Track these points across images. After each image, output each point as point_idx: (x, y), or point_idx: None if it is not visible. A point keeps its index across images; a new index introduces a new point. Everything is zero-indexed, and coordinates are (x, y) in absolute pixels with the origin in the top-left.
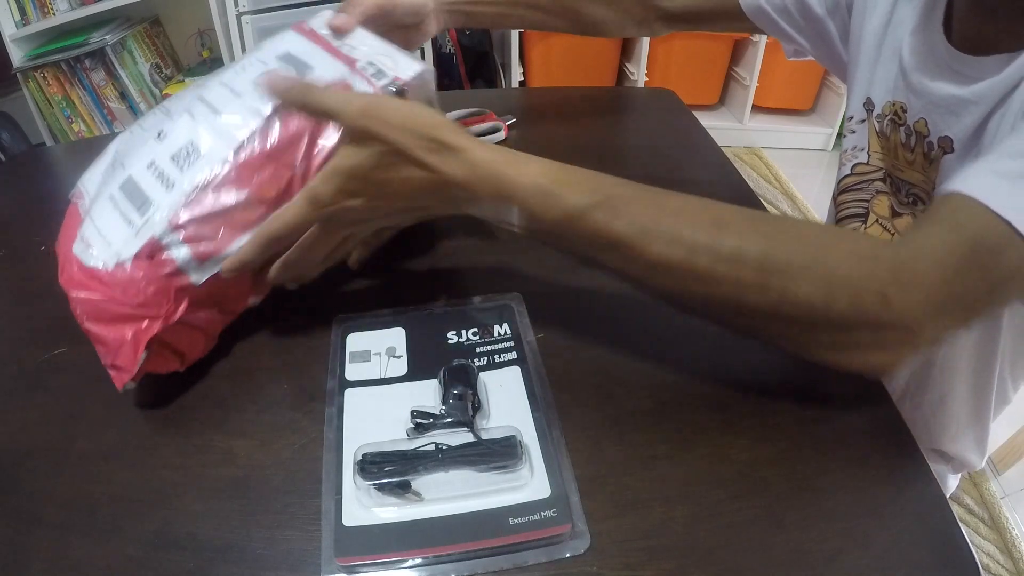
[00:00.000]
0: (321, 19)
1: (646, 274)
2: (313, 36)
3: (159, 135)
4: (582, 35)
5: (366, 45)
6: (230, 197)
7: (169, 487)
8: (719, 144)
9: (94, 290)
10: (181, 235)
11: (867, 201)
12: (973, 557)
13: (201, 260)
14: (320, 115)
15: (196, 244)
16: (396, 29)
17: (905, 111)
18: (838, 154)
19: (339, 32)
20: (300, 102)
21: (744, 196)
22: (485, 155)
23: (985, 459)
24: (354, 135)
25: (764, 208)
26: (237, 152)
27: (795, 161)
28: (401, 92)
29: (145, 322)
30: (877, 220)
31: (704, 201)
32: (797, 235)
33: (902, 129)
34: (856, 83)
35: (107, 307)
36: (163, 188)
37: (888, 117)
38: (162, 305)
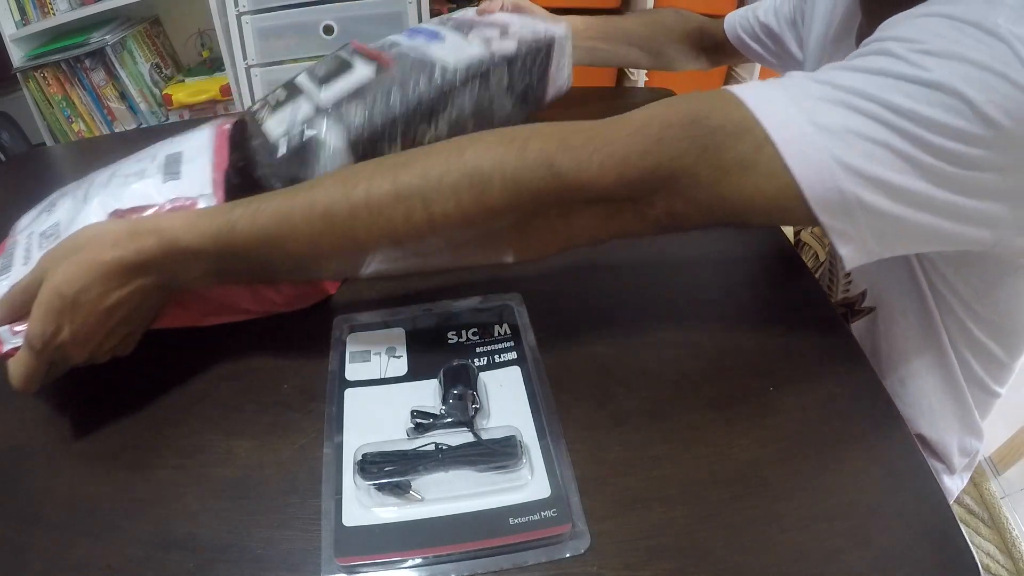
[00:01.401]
0: (458, 13)
1: (307, 258)
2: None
3: (52, 207)
4: (660, 70)
5: (512, 20)
6: None
7: (169, 487)
8: None
9: None
10: None
11: None
12: (973, 557)
13: (13, 332)
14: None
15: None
16: None
17: None
18: None
19: (483, 14)
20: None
21: None
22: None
23: (983, 441)
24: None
25: None
26: None
27: None
28: (550, 44)
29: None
30: None
31: (346, 167)
32: (427, 155)
33: None
34: None
35: None
36: (22, 260)
37: None
38: None
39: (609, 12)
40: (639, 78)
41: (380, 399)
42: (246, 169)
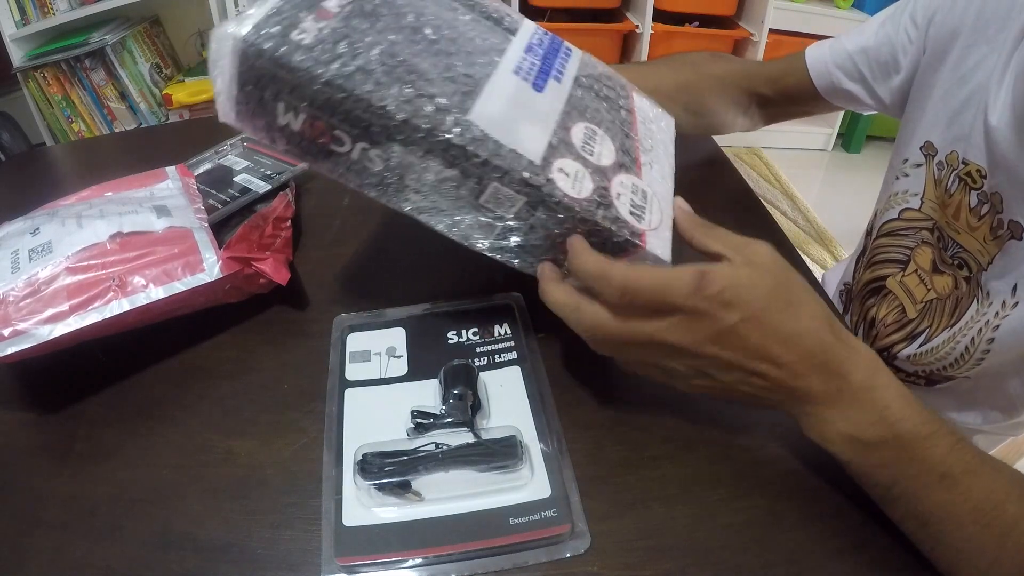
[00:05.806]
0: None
1: (961, 519)
2: None
3: (35, 231)
4: (699, 129)
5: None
6: (50, 288)
7: (169, 487)
8: (719, 144)
9: None
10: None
11: (910, 249)
12: None
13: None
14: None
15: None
16: None
17: (984, 176)
18: (839, 155)
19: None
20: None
21: (744, 196)
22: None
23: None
24: (758, 261)
25: (764, 208)
26: (73, 256)
27: (795, 161)
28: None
29: None
30: (916, 271)
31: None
32: None
33: (975, 194)
34: (916, 124)
35: None
36: (9, 269)
37: (955, 171)
38: None
39: (609, 12)
40: None
41: (380, 399)
42: None
